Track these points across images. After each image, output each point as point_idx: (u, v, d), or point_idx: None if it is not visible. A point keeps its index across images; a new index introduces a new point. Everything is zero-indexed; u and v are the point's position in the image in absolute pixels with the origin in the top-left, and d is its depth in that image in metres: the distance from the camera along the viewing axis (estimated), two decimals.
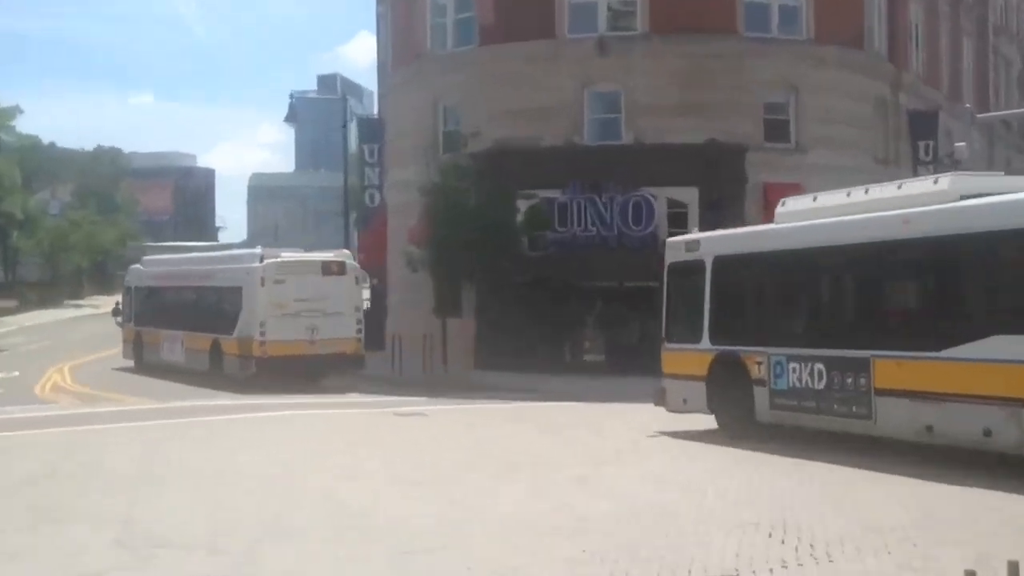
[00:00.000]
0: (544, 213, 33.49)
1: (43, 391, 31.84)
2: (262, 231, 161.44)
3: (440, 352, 33.97)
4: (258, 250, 33.98)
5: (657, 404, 20.14)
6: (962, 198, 14.96)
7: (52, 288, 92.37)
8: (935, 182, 15.80)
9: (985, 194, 14.77)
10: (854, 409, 15.85)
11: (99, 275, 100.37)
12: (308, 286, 31.78)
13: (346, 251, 34.83)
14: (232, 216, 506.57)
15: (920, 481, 13.50)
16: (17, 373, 37.51)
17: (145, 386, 32.85)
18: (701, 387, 18.81)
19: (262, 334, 31.26)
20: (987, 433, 13.90)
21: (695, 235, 20.43)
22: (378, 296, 46.82)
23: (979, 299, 14.95)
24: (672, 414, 19.66)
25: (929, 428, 14.70)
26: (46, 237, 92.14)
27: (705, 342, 18.91)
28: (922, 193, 15.67)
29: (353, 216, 52.32)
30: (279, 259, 32.33)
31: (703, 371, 18.74)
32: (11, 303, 78.71)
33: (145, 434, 19.72)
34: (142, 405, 26.40)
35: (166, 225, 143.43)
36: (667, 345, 20.06)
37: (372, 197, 47.64)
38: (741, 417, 17.98)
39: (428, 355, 33.92)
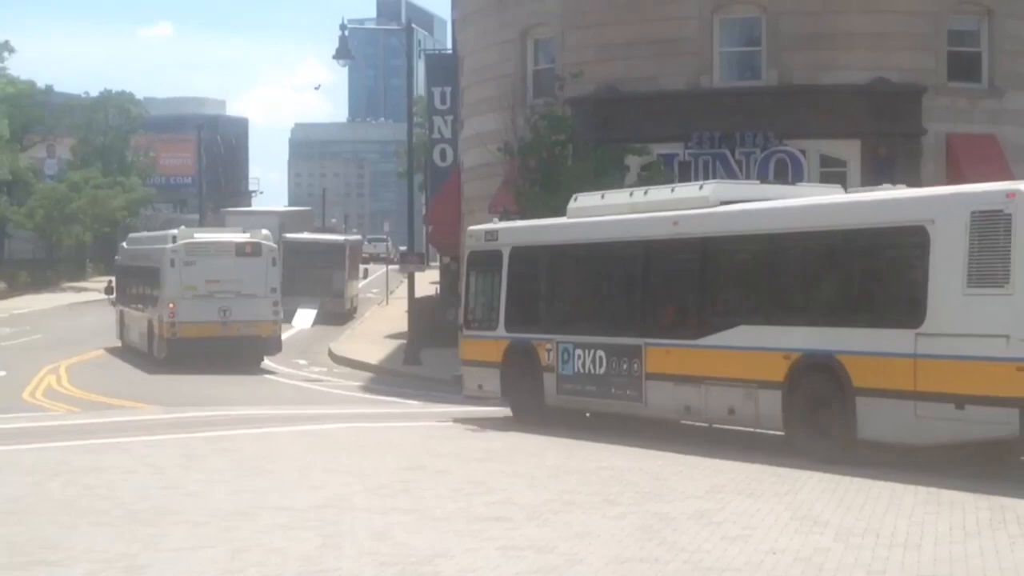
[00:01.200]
0: (662, 173, 33.26)
1: (33, 395, 32.39)
2: (306, 196, 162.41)
3: None
4: (175, 230, 42.14)
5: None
6: (722, 204, 20.68)
7: (48, 268, 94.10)
8: (700, 188, 21.83)
9: (742, 200, 20.67)
10: (628, 392, 21.63)
11: (105, 252, 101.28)
12: (220, 267, 39.55)
13: (264, 231, 42.40)
14: (270, 178, 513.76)
15: None
16: (3, 373, 38.18)
17: (151, 387, 33.66)
18: (496, 373, 24.52)
19: (172, 315, 38.84)
20: (731, 411, 19.81)
21: (494, 225, 26.02)
22: (451, 279, 46.86)
23: (730, 293, 21.08)
24: None
25: (688, 408, 20.73)
26: (40, 204, 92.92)
27: (501, 330, 24.63)
28: (690, 197, 21.42)
29: (419, 179, 52.21)
30: (191, 240, 40.43)
31: (498, 358, 24.45)
32: None
33: (152, 451, 19.96)
34: (150, 415, 26.79)
35: (189, 188, 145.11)
36: (465, 332, 25.95)
37: (443, 154, 47.59)
38: (531, 401, 23.66)
39: None
